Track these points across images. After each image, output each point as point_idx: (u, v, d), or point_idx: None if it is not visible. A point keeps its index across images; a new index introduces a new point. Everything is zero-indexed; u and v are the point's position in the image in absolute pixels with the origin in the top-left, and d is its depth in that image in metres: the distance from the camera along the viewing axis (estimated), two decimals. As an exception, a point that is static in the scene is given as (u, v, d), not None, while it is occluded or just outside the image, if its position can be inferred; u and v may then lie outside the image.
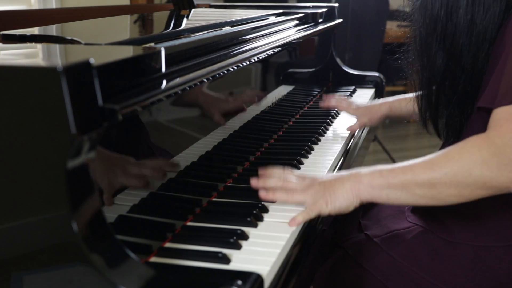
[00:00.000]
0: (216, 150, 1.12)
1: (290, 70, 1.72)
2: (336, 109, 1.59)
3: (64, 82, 0.58)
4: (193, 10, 1.73)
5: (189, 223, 0.88)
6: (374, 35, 3.71)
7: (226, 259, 0.76)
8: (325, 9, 1.91)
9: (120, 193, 0.83)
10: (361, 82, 1.99)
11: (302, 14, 1.76)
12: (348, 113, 1.45)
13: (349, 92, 1.84)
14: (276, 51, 1.33)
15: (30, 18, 1.28)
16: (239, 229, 0.83)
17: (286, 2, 4.30)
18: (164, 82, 0.80)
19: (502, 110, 0.86)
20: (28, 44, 0.94)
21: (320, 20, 1.84)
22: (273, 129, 1.38)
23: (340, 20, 2.03)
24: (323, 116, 1.55)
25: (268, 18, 1.55)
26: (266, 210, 0.93)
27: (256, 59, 1.19)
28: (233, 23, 1.32)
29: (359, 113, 1.42)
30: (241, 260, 0.77)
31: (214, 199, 0.98)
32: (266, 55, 1.26)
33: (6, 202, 0.66)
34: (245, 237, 0.82)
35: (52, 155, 0.61)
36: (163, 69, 0.80)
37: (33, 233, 0.66)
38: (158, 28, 1.40)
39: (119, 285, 0.62)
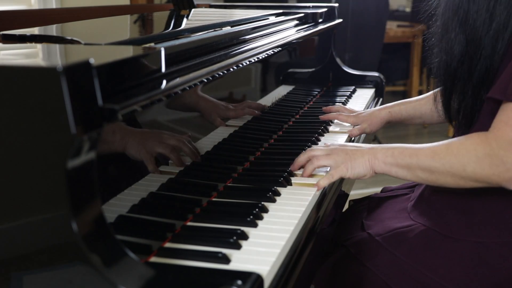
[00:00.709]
0: (216, 150, 1.12)
1: (290, 70, 1.72)
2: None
3: (64, 82, 0.58)
4: (193, 10, 1.73)
5: (189, 223, 0.88)
6: (374, 35, 3.72)
7: (226, 259, 0.76)
8: (325, 9, 1.91)
9: (120, 193, 0.84)
10: (361, 82, 1.98)
11: (302, 14, 1.76)
12: (348, 123, 1.44)
13: (349, 92, 1.84)
14: (276, 51, 1.33)
15: (30, 18, 1.28)
16: (239, 229, 0.83)
17: (286, 2, 4.31)
18: (164, 82, 0.80)
19: (507, 107, 0.90)
20: (28, 44, 0.94)
21: (320, 20, 1.84)
22: (273, 129, 1.38)
23: (340, 20, 2.02)
24: (323, 116, 1.55)
25: (268, 18, 1.55)
26: (266, 210, 0.93)
27: (256, 59, 1.19)
28: (233, 23, 1.32)
29: (359, 121, 1.41)
30: (241, 260, 0.77)
31: (214, 199, 0.98)
32: (266, 55, 1.26)
33: (6, 202, 0.66)
34: (245, 237, 0.82)
35: (52, 155, 0.61)
36: (163, 69, 0.80)
37: (33, 233, 0.66)
38: (158, 28, 1.40)
39: (119, 285, 0.62)
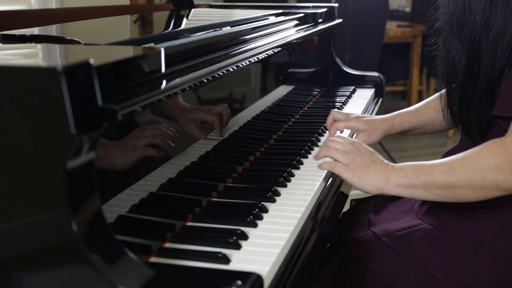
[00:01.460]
0: (216, 150, 1.12)
1: (290, 70, 1.72)
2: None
3: (63, 82, 0.58)
4: (193, 10, 1.73)
5: (189, 223, 0.89)
6: (374, 35, 3.71)
7: (226, 259, 0.76)
8: (325, 9, 1.91)
9: (120, 193, 0.84)
10: (361, 82, 1.98)
11: (302, 14, 1.76)
12: (349, 128, 1.32)
13: (349, 92, 1.84)
14: (276, 51, 1.33)
15: (30, 18, 1.28)
16: (239, 229, 0.83)
17: (286, 2, 4.31)
18: (164, 82, 0.80)
19: None
20: (28, 44, 0.94)
21: (320, 20, 1.84)
22: (273, 129, 1.38)
23: (340, 20, 2.02)
24: (323, 116, 1.54)
25: (268, 18, 1.55)
26: (266, 210, 0.93)
27: (256, 59, 1.19)
28: (233, 23, 1.32)
29: (360, 125, 1.28)
30: (241, 260, 0.77)
31: (214, 199, 0.98)
32: (266, 55, 1.26)
33: (6, 202, 0.66)
34: (245, 237, 0.82)
35: (52, 155, 0.61)
36: (163, 69, 0.80)
37: (33, 233, 0.66)
38: (158, 28, 1.40)
39: (118, 285, 0.62)
